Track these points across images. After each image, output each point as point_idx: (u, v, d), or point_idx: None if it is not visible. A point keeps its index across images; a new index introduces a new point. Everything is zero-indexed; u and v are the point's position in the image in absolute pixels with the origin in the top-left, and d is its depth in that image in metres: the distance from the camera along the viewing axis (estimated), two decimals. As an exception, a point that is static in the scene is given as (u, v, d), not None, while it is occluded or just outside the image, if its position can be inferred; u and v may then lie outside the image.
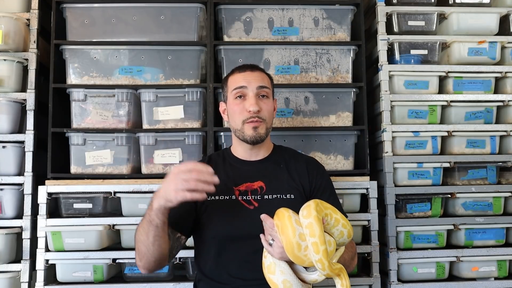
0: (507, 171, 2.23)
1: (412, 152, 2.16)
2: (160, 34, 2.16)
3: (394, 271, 2.06)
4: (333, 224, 1.27)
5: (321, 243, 1.18)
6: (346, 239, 1.31)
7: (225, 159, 1.61)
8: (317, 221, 1.19)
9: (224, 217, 1.46)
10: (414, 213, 2.13)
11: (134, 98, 2.12)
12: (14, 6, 2.16)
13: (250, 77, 1.53)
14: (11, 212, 2.04)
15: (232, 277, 1.42)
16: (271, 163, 1.58)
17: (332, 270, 1.21)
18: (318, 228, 1.19)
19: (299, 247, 1.20)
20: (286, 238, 1.21)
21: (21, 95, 2.09)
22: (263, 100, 1.53)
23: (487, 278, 2.11)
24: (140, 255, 1.36)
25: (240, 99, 1.52)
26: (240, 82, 1.53)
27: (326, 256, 1.18)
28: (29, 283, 1.99)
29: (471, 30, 2.24)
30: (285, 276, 1.25)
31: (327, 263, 1.18)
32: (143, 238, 1.32)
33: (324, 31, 2.21)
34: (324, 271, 1.20)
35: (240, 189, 1.50)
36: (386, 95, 2.16)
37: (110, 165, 2.07)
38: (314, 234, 1.18)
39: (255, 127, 1.49)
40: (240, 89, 1.52)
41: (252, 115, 1.49)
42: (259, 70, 1.59)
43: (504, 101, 2.21)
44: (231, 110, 1.55)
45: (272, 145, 1.65)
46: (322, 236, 1.19)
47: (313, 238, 1.18)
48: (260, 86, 1.53)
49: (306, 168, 1.57)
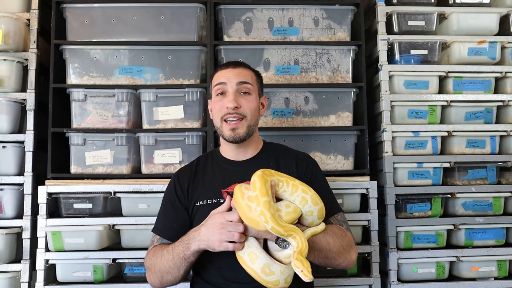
0: (507, 171, 2.23)
1: (412, 152, 2.16)
2: (160, 34, 2.16)
3: (394, 271, 2.06)
4: (291, 190, 1.28)
5: (261, 195, 1.20)
6: (313, 207, 1.29)
7: (213, 159, 1.60)
8: (260, 178, 1.23)
9: None
10: (414, 213, 2.13)
11: (134, 98, 2.12)
12: (14, 6, 2.16)
13: (231, 74, 1.51)
14: (11, 212, 2.04)
15: (227, 281, 1.40)
16: (259, 162, 1.54)
17: (278, 224, 1.18)
18: (260, 182, 1.22)
19: (249, 208, 1.22)
20: (237, 203, 1.25)
21: (21, 95, 2.09)
22: (244, 96, 1.50)
23: (487, 278, 2.11)
24: (163, 282, 1.43)
25: (220, 96, 1.51)
26: (220, 78, 1.52)
27: (268, 207, 1.18)
28: (29, 283, 1.99)
29: (471, 30, 2.24)
30: (251, 249, 1.26)
31: (268, 214, 1.17)
32: (173, 272, 1.39)
33: (324, 31, 2.21)
34: (268, 224, 1.18)
35: (229, 191, 1.48)
36: (386, 95, 2.16)
37: (110, 165, 2.07)
38: (256, 188, 1.21)
39: (232, 128, 1.47)
40: (220, 86, 1.51)
41: (229, 111, 1.47)
42: (243, 66, 1.56)
43: (504, 101, 2.21)
44: (212, 108, 1.55)
45: (261, 142, 1.62)
46: (264, 189, 1.21)
47: (254, 192, 1.21)
48: (241, 82, 1.50)
49: (295, 164, 1.54)
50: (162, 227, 1.52)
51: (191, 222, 1.50)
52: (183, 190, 1.53)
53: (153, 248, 1.48)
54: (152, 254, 1.46)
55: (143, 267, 1.94)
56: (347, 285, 2.03)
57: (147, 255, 1.49)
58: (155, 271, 1.43)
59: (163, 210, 1.55)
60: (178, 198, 1.52)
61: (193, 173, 1.56)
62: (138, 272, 1.99)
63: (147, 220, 1.97)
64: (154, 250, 1.46)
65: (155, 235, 1.52)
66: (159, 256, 1.41)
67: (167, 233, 1.49)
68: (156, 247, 1.47)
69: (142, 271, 1.99)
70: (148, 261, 1.46)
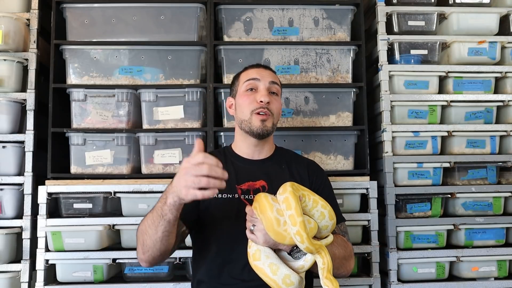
0: (507, 171, 2.23)
1: (412, 152, 2.16)
2: (160, 34, 2.16)
3: (394, 271, 2.06)
4: (312, 205, 1.28)
5: (297, 215, 1.19)
6: (329, 221, 1.31)
7: (227, 156, 1.60)
8: (292, 195, 1.22)
9: (226, 217, 1.44)
10: (414, 213, 2.13)
11: (134, 98, 2.12)
12: (14, 6, 2.16)
13: (264, 73, 1.57)
14: (11, 212, 2.04)
15: (232, 278, 1.40)
16: (273, 163, 1.58)
17: (311, 244, 1.20)
18: (294, 201, 1.21)
19: (278, 221, 1.22)
20: (265, 215, 1.23)
21: (21, 95, 2.09)
22: (273, 96, 1.55)
23: (487, 278, 2.11)
24: (145, 249, 1.31)
25: (251, 91, 1.53)
26: (253, 74, 1.55)
27: (304, 227, 1.19)
28: (29, 283, 1.99)
29: (471, 30, 2.24)
30: (271, 260, 1.25)
31: (305, 235, 1.18)
32: (151, 232, 1.27)
33: (324, 31, 2.21)
34: (303, 244, 1.19)
35: (242, 187, 1.49)
36: (386, 95, 2.17)
37: (110, 165, 2.07)
38: (291, 207, 1.20)
39: (263, 120, 1.49)
40: (252, 81, 1.54)
41: (262, 105, 1.49)
42: (272, 70, 1.63)
43: (504, 101, 2.21)
44: (240, 101, 1.55)
45: (274, 145, 1.65)
46: (299, 208, 1.20)
47: (289, 211, 1.20)
48: (272, 81, 1.55)
49: (307, 171, 1.58)
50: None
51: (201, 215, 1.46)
52: None
53: None
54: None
55: (143, 267, 1.96)
56: (347, 285, 2.03)
57: None
58: (138, 238, 1.34)
59: None
60: None
61: None
62: (138, 272, 1.99)
63: (147, 220, 1.96)
64: None
65: None
66: (144, 220, 1.32)
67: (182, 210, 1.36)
68: None
69: (142, 271, 1.99)
70: (136, 232, 1.36)
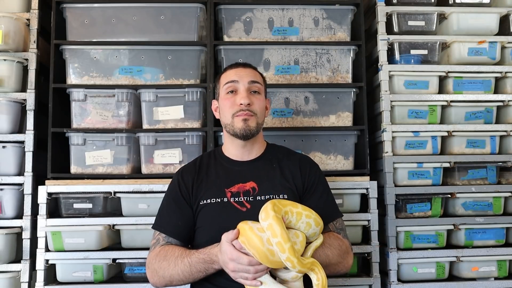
0: (507, 171, 2.23)
1: (412, 152, 2.16)
2: (160, 34, 2.16)
3: (394, 271, 2.06)
4: (296, 218, 1.27)
5: (284, 242, 1.17)
6: (316, 228, 1.30)
7: (216, 159, 1.60)
8: (276, 220, 1.19)
9: (217, 220, 1.44)
10: (414, 213, 2.13)
11: (134, 98, 2.12)
12: (14, 6, 2.16)
13: (242, 73, 1.54)
14: (11, 212, 2.04)
15: (228, 281, 1.37)
16: (263, 163, 1.56)
17: (303, 266, 1.19)
18: (279, 227, 1.18)
19: (271, 253, 1.19)
20: (256, 249, 1.19)
21: (21, 95, 2.09)
22: (254, 95, 1.52)
23: (487, 278, 2.11)
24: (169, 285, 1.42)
25: (231, 94, 1.52)
26: (231, 76, 1.53)
27: (293, 253, 1.17)
28: (29, 283, 1.99)
29: (471, 30, 2.24)
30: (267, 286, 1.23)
31: (295, 260, 1.17)
32: (188, 280, 1.39)
33: (324, 31, 2.21)
34: (295, 269, 1.18)
35: (232, 190, 1.48)
36: (386, 95, 2.17)
37: (110, 165, 2.07)
38: (276, 234, 1.18)
39: (245, 119, 1.48)
40: (231, 83, 1.52)
41: (242, 108, 1.48)
42: (251, 67, 1.59)
43: (504, 101, 2.21)
44: (222, 105, 1.54)
45: (265, 144, 1.63)
46: (285, 233, 1.18)
47: (275, 239, 1.18)
48: (252, 81, 1.53)
49: (299, 167, 1.55)
50: (167, 226, 1.50)
51: (195, 222, 1.49)
52: (187, 188, 1.52)
53: (160, 249, 1.45)
54: (162, 256, 1.42)
55: (143, 267, 1.96)
56: (347, 285, 2.03)
57: (151, 254, 1.46)
58: (163, 276, 1.41)
59: (167, 208, 1.53)
60: (182, 196, 1.51)
61: (197, 171, 1.56)
62: (138, 272, 1.99)
63: (147, 220, 1.96)
64: (162, 252, 1.43)
65: (159, 233, 1.50)
66: (172, 264, 1.38)
67: (173, 231, 1.48)
68: (164, 248, 1.44)
69: (142, 271, 1.98)
70: (156, 263, 1.42)
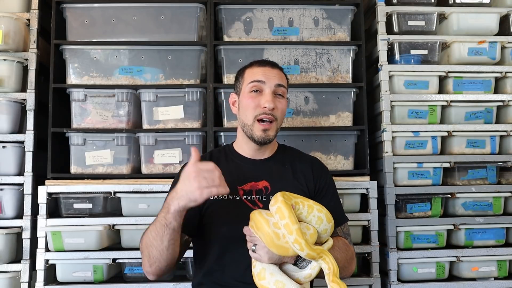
0: (507, 171, 2.23)
1: (412, 152, 2.16)
2: (160, 34, 2.16)
3: (394, 271, 2.06)
4: (307, 211, 1.27)
5: (292, 223, 1.18)
6: (328, 225, 1.29)
7: (227, 156, 1.56)
8: (284, 204, 1.20)
9: (228, 218, 1.42)
10: (414, 213, 2.13)
11: (134, 98, 2.12)
12: (14, 6, 2.16)
13: (270, 73, 1.49)
14: (11, 212, 2.04)
15: (235, 280, 1.38)
16: (275, 163, 1.54)
17: (311, 249, 1.19)
18: (286, 209, 1.19)
19: (277, 235, 1.20)
20: (262, 231, 1.21)
21: (21, 95, 2.09)
22: (278, 98, 1.48)
23: (487, 278, 2.11)
24: (151, 261, 1.32)
25: (255, 93, 1.47)
26: (258, 76, 1.48)
27: (301, 234, 1.17)
28: (29, 283, 1.99)
29: (471, 30, 2.24)
30: (276, 277, 1.23)
31: (303, 241, 1.17)
32: (157, 243, 1.28)
33: (324, 31, 2.21)
34: (303, 251, 1.18)
35: (245, 188, 1.46)
36: (386, 95, 2.17)
37: (110, 165, 2.07)
38: (284, 216, 1.19)
39: (265, 129, 1.45)
40: (257, 83, 1.47)
41: (266, 111, 1.45)
42: (279, 68, 1.54)
43: (504, 101, 2.21)
44: (244, 103, 1.49)
45: (276, 144, 1.61)
46: (293, 216, 1.19)
47: (283, 220, 1.19)
48: (278, 84, 1.48)
49: (311, 170, 1.54)
50: None
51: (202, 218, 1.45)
52: None
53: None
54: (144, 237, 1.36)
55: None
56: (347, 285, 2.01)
57: None
58: (143, 251, 1.35)
59: None
60: None
61: None
62: (138, 272, 1.99)
63: (147, 220, 1.96)
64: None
65: None
66: (147, 233, 1.33)
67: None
68: None
69: (142, 271, 1.98)
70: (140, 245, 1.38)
